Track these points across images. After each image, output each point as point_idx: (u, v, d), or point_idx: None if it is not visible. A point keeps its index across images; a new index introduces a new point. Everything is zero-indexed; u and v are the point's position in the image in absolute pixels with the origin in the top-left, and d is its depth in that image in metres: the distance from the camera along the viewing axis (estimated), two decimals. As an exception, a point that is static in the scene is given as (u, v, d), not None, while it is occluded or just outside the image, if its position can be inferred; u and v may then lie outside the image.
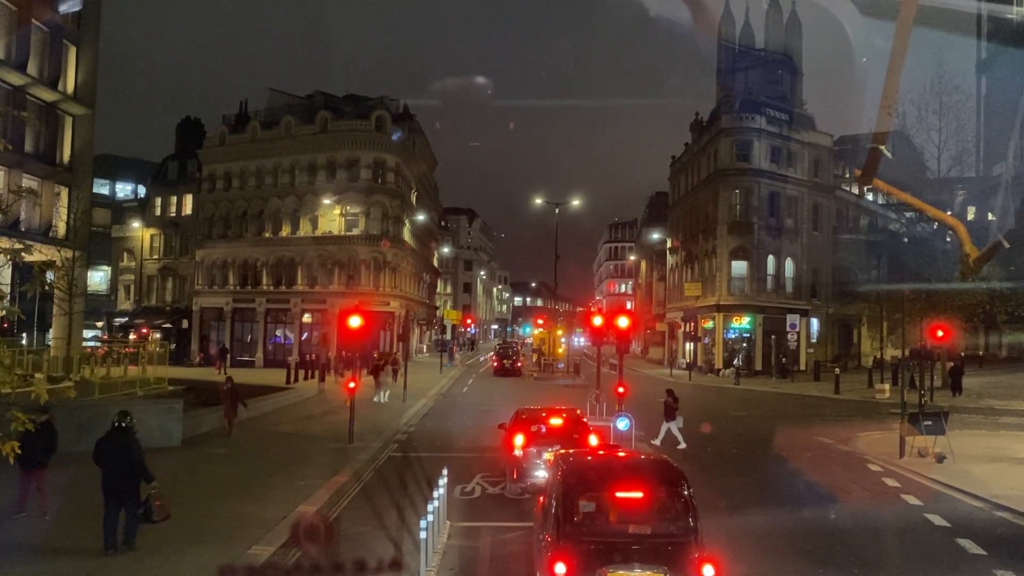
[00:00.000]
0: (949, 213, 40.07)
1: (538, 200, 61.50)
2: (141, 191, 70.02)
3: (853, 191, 58.37)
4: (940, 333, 21.03)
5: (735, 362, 48.73)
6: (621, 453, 11.80)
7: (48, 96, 34.10)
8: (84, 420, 17.79)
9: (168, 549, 10.26)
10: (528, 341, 64.56)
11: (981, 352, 47.84)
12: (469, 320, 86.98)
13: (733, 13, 57.90)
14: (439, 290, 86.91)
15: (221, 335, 54.43)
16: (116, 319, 62.74)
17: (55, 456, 11.92)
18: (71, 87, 35.56)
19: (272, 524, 11.46)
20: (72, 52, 35.71)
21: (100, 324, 61.63)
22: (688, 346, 56.26)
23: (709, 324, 52.07)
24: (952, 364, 36.13)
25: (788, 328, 44.28)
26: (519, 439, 13.96)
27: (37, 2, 32.63)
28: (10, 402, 8.49)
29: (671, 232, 65.52)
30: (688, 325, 55.82)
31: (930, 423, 17.58)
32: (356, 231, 52.70)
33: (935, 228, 52.92)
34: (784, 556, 10.58)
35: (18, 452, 7.88)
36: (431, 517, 9.31)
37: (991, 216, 48.38)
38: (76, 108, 35.67)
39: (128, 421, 10.52)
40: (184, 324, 57.15)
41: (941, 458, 17.10)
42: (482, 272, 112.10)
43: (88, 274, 43.54)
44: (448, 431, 22.87)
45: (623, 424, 17.45)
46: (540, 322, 64.47)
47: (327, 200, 51.80)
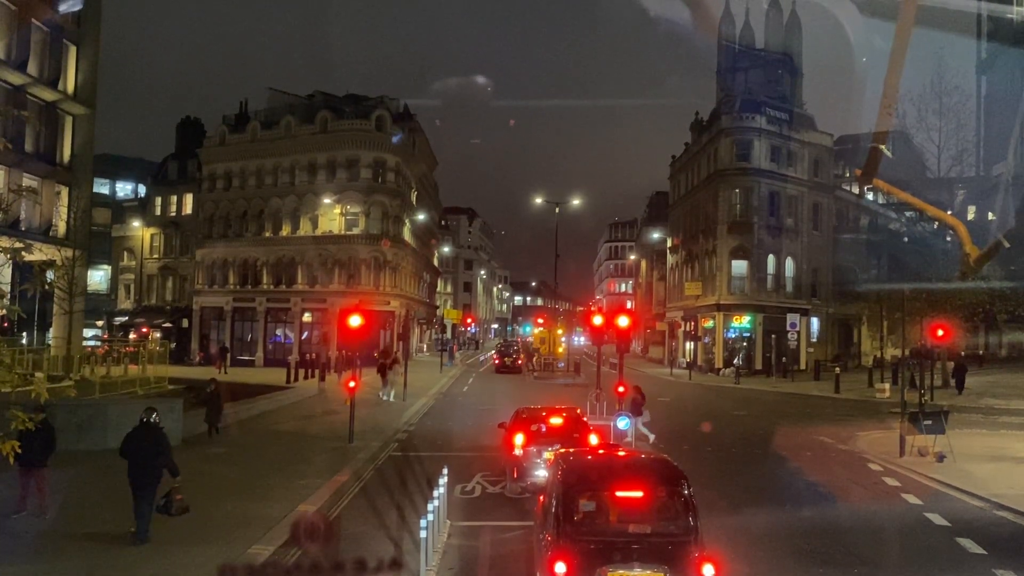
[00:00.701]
0: (949, 213, 40.04)
1: (538, 199, 61.65)
2: (141, 190, 70.05)
3: (853, 191, 58.37)
4: (940, 333, 21.04)
5: (735, 361, 48.74)
6: (621, 452, 11.81)
7: (48, 96, 34.12)
8: (84, 419, 17.83)
9: (168, 548, 10.26)
10: (528, 340, 64.64)
11: (981, 352, 47.83)
12: (469, 319, 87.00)
13: (733, 13, 57.92)
14: (439, 289, 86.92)
15: (221, 334, 54.47)
16: (116, 318, 62.78)
17: (55, 455, 11.90)
18: (71, 87, 35.58)
19: (272, 523, 11.46)
20: (72, 52, 35.73)
21: (100, 323, 61.66)
22: (688, 345, 56.24)
23: (709, 323, 52.08)
24: (956, 362, 36.22)
25: (788, 327, 44.26)
26: (519, 438, 13.95)
27: (37, 2, 32.63)
28: (10, 401, 8.50)
29: (671, 232, 65.52)
30: (688, 324, 55.82)
31: (930, 422, 17.58)
32: (356, 230, 52.71)
33: (935, 228, 52.91)
34: (784, 555, 10.58)
35: (18, 451, 7.88)
36: (431, 516, 9.31)
37: (991, 216, 48.40)
38: (76, 108, 35.68)
39: (155, 417, 11.00)
40: (184, 323, 57.20)
41: (941, 457, 17.10)
42: (482, 271, 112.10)
43: (88, 273, 43.50)
44: (448, 430, 22.87)
45: (623, 423, 17.45)
46: (540, 321, 64.48)
47: (327, 199, 51.82)
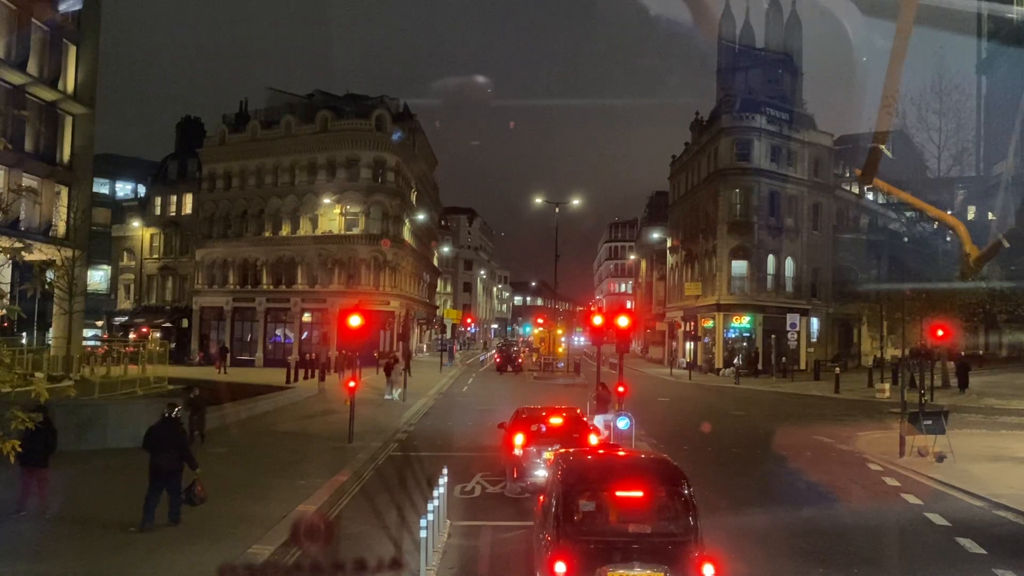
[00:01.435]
0: (949, 212, 40.17)
1: (538, 199, 61.69)
2: (141, 190, 70.09)
3: (853, 190, 58.41)
4: (940, 332, 21.07)
5: (735, 361, 48.74)
6: (621, 452, 11.81)
7: (48, 95, 34.09)
8: (84, 419, 17.84)
9: (168, 547, 10.27)
10: (528, 340, 64.84)
11: (981, 351, 47.83)
12: (469, 319, 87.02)
13: (733, 12, 57.84)
14: (439, 289, 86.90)
15: (221, 334, 54.46)
16: (116, 318, 62.80)
17: (55, 455, 11.90)
18: (71, 86, 35.55)
19: (272, 523, 11.45)
20: (72, 51, 35.69)
21: (100, 323, 61.72)
22: (688, 345, 56.23)
23: (709, 323, 52.08)
24: (959, 361, 36.28)
25: (788, 327, 44.25)
26: (519, 438, 13.95)
27: (37, 1, 32.60)
28: (10, 401, 8.51)
29: (671, 231, 65.50)
30: (688, 324, 55.81)
31: (930, 422, 17.57)
32: (356, 230, 52.70)
33: (935, 227, 53.00)
34: (784, 555, 10.58)
35: (19, 451, 7.88)
36: (431, 516, 9.30)
37: (991, 215, 48.43)
38: (76, 107, 35.66)
39: (176, 412, 11.73)
40: (184, 323, 57.17)
41: (941, 457, 17.10)
42: (482, 271, 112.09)
43: (88, 273, 43.52)
44: (448, 430, 22.87)
45: (623, 423, 17.43)
46: (540, 321, 64.49)
47: (327, 199, 51.81)
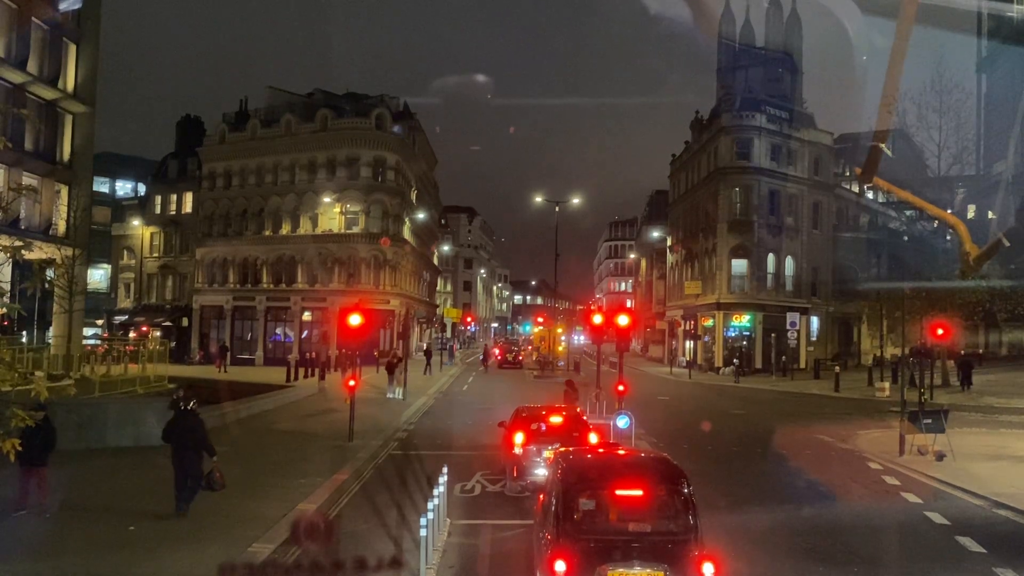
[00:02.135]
0: (949, 211, 40.20)
1: (538, 198, 61.78)
2: (141, 189, 70.12)
3: (853, 189, 58.40)
4: (940, 331, 21.04)
5: (735, 360, 48.75)
6: (621, 451, 11.81)
7: (48, 94, 34.08)
8: (84, 418, 17.84)
9: (168, 546, 10.26)
10: (529, 338, 65.04)
11: (981, 350, 47.88)
12: (469, 318, 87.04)
13: (733, 11, 57.79)
14: (439, 288, 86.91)
15: (221, 333, 54.47)
16: (116, 317, 62.81)
17: (54, 454, 11.90)
18: (71, 85, 35.55)
19: (272, 522, 11.45)
20: (72, 50, 35.69)
21: (100, 322, 61.75)
22: (688, 344, 56.25)
23: (709, 322, 52.09)
24: (962, 359, 36.33)
25: (788, 326, 44.27)
26: (519, 437, 13.95)
27: (37, 0, 32.60)
28: (10, 399, 8.50)
29: (671, 230, 65.51)
30: (688, 323, 55.83)
31: (930, 421, 17.58)
32: (356, 229, 52.69)
33: (935, 226, 53.06)
34: (784, 554, 10.58)
35: (19, 449, 7.88)
36: (431, 515, 9.30)
37: (991, 214, 48.46)
38: (76, 106, 35.66)
39: (192, 404, 12.03)
40: (184, 322, 57.19)
41: (941, 456, 17.10)
42: (482, 270, 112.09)
43: (88, 272, 43.46)
44: (448, 429, 22.86)
45: (623, 422, 17.45)
46: (540, 320, 64.50)
47: (327, 198, 51.81)
